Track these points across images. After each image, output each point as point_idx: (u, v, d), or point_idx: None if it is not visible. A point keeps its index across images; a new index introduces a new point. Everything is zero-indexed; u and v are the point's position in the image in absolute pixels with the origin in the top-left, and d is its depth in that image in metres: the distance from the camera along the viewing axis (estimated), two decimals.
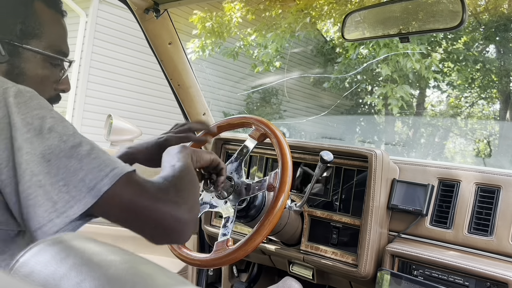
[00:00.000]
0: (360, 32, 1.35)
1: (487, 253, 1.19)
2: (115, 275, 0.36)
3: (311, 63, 9.21)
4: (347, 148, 1.38)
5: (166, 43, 1.67)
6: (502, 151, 7.46)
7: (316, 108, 9.14)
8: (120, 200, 0.73)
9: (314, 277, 1.44)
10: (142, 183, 0.76)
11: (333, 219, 1.38)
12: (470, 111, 8.56)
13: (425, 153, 8.51)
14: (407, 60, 6.73)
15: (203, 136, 1.26)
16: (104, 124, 2.14)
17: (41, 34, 0.86)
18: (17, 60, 0.84)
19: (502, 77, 7.84)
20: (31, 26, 0.85)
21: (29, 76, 0.85)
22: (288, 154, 1.10)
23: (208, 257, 1.09)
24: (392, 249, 1.25)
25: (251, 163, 1.65)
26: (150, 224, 0.76)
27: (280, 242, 1.47)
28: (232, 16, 7.38)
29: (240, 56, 7.81)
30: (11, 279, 0.34)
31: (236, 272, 1.83)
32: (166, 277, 0.37)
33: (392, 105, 7.18)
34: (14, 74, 0.84)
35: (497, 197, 1.22)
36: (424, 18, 1.22)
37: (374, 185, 1.28)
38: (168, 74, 1.76)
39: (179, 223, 0.77)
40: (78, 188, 0.69)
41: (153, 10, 1.56)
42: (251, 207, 1.18)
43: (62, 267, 0.38)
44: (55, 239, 0.42)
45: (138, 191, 0.75)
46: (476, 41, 7.69)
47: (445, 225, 1.27)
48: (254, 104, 8.78)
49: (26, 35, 0.84)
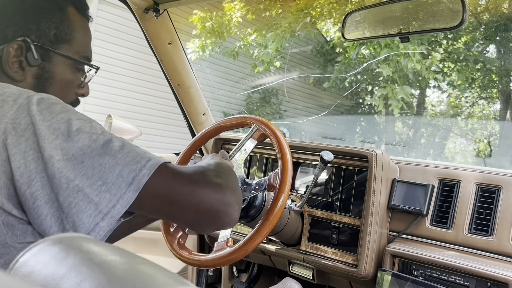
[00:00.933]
0: (360, 32, 1.35)
1: (488, 253, 1.19)
2: (115, 275, 0.36)
3: (311, 63, 9.21)
4: (347, 148, 1.38)
5: (166, 43, 1.66)
6: (503, 151, 7.45)
7: (316, 108, 9.14)
8: (162, 189, 0.72)
9: (314, 277, 1.44)
10: (181, 170, 0.75)
11: (333, 219, 1.38)
12: (471, 111, 8.55)
13: (425, 153, 8.51)
14: (408, 61, 6.73)
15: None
16: (104, 124, 2.13)
17: (72, 39, 0.87)
18: (47, 65, 0.84)
19: (502, 77, 7.83)
20: (64, 31, 0.86)
21: (57, 81, 0.86)
22: (288, 154, 1.10)
23: (208, 257, 1.09)
24: (392, 249, 1.25)
25: (251, 163, 1.65)
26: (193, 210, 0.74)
27: (280, 242, 1.47)
28: (232, 16, 7.38)
29: (240, 56, 7.81)
30: (11, 279, 0.34)
31: (236, 272, 1.83)
32: (166, 277, 0.37)
33: (393, 106, 7.18)
34: (43, 78, 0.84)
35: (497, 197, 1.22)
36: (424, 18, 1.22)
37: (374, 185, 1.27)
38: (168, 74, 1.76)
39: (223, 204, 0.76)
40: (117, 185, 0.67)
41: (153, 10, 1.56)
42: (251, 207, 1.18)
43: (62, 267, 0.38)
44: (55, 239, 0.42)
45: (178, 177, 0.74)
46: (476, 41, 7.69)
47: (445, 225, 1.27)
48: (254, 104, 8.78)
49: (58, 40, 0.85)
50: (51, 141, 0.66)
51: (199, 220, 0.77)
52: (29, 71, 0.83)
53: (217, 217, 0.76)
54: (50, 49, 0.84)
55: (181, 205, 0.74)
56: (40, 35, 0.83)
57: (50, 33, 0.84)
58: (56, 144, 0.66)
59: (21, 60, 0.82)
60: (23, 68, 0.82)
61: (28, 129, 0.67)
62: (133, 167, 0.69)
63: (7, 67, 0.81)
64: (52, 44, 0.84)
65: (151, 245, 1.82)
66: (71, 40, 0.87)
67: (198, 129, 1.89)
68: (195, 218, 0.76)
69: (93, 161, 0.67)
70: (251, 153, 1.29)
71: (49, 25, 0.84)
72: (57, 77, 0.86)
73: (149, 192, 0.70)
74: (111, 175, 0.67)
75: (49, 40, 0.84)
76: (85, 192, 0.66)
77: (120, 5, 1.62)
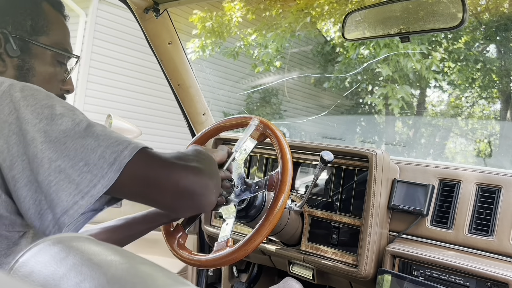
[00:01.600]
0: (360, 31, 1.35)
1: (488, 253, 1.19)
2: (115, 275, 0.36)
3: (312, 63, 9.21)
4: (348, 148, 1.38)
5: (166, 43, 1.66)
6: (503, 151, 7.45)
7: (316, 108, 9.14)
8: (142, 171, 0.73)
9: (314, 278, 1.44)
10: (161, 154, 0.78)
11: (333, 219, 1.38)
12: (471, 111, 8.55)
13: (425, 153, 8.51)
14: (407, 60, 6.73)
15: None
16: (104, 124, 2.13)
17: (49, 31, 0.89)
18: (27, 56, 0.87)
19: (502, 77, 7.83)
20: (40, 23, 0.88)
21: (38, 72, 0.88)
22: (288, 154, 1.10)
23: (208, 257, 1.09)
24: (393, 249, 1.25)
25: (251, 163, 1.65)
26: (171, 192, 0.76)
27: (280, 242, 1.47)
28: (232, 16, 7.38)
29: (240, 56, 7.81)
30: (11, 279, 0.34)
31: (236, 272, 1.83)
32: (166, 277, 0.37)
33: (393, 106, 7.18)
34: (25, 69, 0.86)
35: (497, 197, 1.22)
36: (424, 17, 1.22)
37: (374, 185, 1.27)
38: (168, 73, 1.76)
39: (200, 187, 0.78)
40: (99, 165, 0.69)
41: (153, 10, 1.56)
42: (251, 207, 1.18)
43: (62, 267, 0.38)
44: (55, 239, 0.42)
45: (157, 160, 0.76)
46: (476, 40, 7.69)
47: (445, 225, 1.27)
48: (254, 104, 8.78)
49: (35, 31, 0.88)
50: (35, 125, 0.68)
51: (177, 202, 0.79)
52: (10, 62, 0.85)
53: (195, 199, 0.78)
54: (28, 40, 0.86)
55: (159, 187, 0.76)
56: (16, 26, 0.86)
57: (26, 24, 0.86)
58: (39, 128, 0.68)
59: (0, 52, 0.84)
60: (3, 60, 0.85)
61: (11, 114, 0.69)
62: (115, 148, 0.71)
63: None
64: (30, 36, 0.87)
65: (151, 245, 1.82)
66: (48, 32, 0.89)
67: (198, 129, 1.89)
68: (173, 200, 0.78)
69: (75, 143, 0.69)
70: (251, 153, 1.29)
71: (25, 17, 0.86)
72: (38, 68, 0.88)
73: (129, 174, 0.72)
74: (93, 156, 0.69)
75: (26, 31, 0.86)
76: (67, 173, 0.68)
77: (120, 5, 1.62)
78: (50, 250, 0.40)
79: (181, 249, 1.16)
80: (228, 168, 1.10)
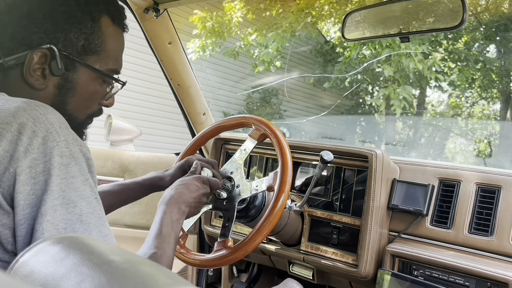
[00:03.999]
0: (360, 31, 1.35)
1: (488, 253, 1.19)
2: (115, 275, 0.36)
3: (312, 63, 9.21)
4: (348, 148, 1.38)
5: (166, 43, 1.66)
6: (503, 151, 7.45)
7: (316, 108, 9.13)
8: None
9: (314, 277, 1.44)
10: None
11: (333, 219, 1.38)
12: (471, 111, 8.55)
13: (425, 153, 8.50)
14: (409, 61, 6.73)
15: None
16: (104, 124, 2.13)
17: (101, 51, 0.83)
18: (71, 75, 0.81)
19: (502, 77, 7.83)
20: (93, 43, 0.82)
21: (79, 92, 0.83)
22: (288, 154, 1.10)
23: (208, 257, 1.09)
24: (393, 249, 1.25)
25: (251, 163, 1.65)
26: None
27: (280, 242, 1.47)
28: (233, 16, 7.38)
29: (240, 56, 7.81)
30: (11, 279, 0.34)
31: (236, 272, 1.83)
32: (166, 277, 0.37)
33: (395, 106, 7.18)
34: (65, 88, 0.81)
35: (497, 197, 1.22)
36: (424, 17, 1.22)
37: (374, 185, 1.27)
38: (168, 74, 1.76)
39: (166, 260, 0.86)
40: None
41: (153, 10, 1.56)
42: (251, 207, 1.18)
43: (62, 267, 0.38)
44: (55, 239, 0.42)
45: None
46: (476, 41, 7.68)
47: (445, 225, 1.27)
48: (254, 104, 8.78)
49: (86, 51, 0.81)
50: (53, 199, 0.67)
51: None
52: (51, 80, 0.80)
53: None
54: (76, 60, 0.80)
55: None
56: (67, 44, 0.79)
57: (79, 43, 0.80)
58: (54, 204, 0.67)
59: (43, 68, 0.78)
60: (45, 77, 0.79)
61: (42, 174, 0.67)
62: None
63: (27, 74, 0.78)
64: (79, 55, 0.81)
65: None
66: (100, 51, 0.83)
67: (198, 129, 1.89)
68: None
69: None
70: (251, 153, 1.29)
71: (79, 35, 0.80)
72: (80, 88, 0.82)
73: None
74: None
75: (76, 50, 0.80)
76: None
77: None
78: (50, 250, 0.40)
79: (181, 249, 1.16)
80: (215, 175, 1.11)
